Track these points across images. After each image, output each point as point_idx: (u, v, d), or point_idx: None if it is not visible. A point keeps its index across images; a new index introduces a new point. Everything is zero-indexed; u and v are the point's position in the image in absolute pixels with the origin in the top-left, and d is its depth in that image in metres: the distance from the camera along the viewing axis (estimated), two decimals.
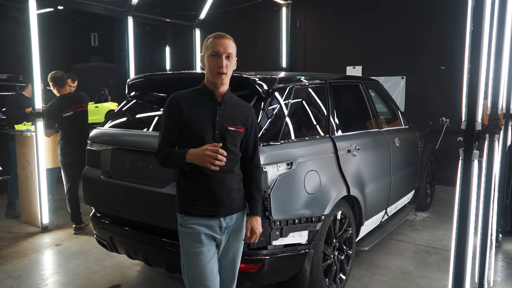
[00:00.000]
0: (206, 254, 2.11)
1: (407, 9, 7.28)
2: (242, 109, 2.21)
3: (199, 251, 2.10)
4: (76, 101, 4.88)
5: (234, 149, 2.14)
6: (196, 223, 2.11)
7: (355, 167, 3.51)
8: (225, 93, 2.14)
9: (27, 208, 5.15)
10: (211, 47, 2.07)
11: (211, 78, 2.09)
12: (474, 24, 2.22)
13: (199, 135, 2.07)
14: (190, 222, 2.12)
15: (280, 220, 2.72)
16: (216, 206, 2.11)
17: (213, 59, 2.06)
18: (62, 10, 9.12)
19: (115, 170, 3.19)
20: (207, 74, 2.12)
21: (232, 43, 2.11)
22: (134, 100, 3.54)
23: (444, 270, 3.75)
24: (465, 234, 2.43)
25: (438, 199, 5.94)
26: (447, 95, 6.76)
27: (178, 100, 2.13)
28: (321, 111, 3.42)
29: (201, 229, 2.10)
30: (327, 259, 3.17)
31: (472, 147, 2.24)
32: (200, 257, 2.10)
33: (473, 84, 2.24)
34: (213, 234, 2.13)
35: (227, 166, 2.07)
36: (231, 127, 2.12)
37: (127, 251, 3.13)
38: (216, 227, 2.13)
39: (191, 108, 2.10)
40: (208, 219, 2.11)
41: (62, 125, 4.74)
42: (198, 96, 2.14)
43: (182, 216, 2.15)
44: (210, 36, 2.13)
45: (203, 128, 2.08)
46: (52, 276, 3.77)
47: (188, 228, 2.12)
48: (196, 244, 2.11)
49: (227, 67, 2.07)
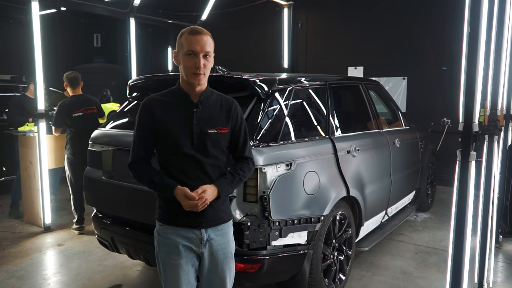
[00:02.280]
0: (183, 267, 1.98)
1: (408, 9, 7.28)
2: (225, 106, 2.01)
3: (176, 263, 1.98)
4: (87, 103, 4.92)
5: (218, 154, 1.97)
6: (175, 234, 1.97)
7: (355, 168, 3.52)
8: (203, 92, 1.96)
9: (30, 208, 5.18)
10: (187, 45, 1.86)
11: (186, 78, 1.91)
12: (471, 24, 2.22)
13: (175, 143, 1.91)
14: (168, 232, 1.99)
15: (280, 221, 2.73)
16: (197, 216, 1.95)
17: (189, 58, 1.87)
18: (65, 11, 9.17)
19: (116, 171, 3.22)
20: (182, 74, 1.94)
21: (210, 40, 1.90)
22: (136, 101, 3.57)
23: (444, 271, 3.70)
24: (462, 235, 2.44)
25: (439, 200, 5.95)
26: (449, 95, 6.76)
27: (149, 105, 1.95)
28: (321, 112, 3.43)
29: (180, 240, 1.97)
30: (326, 260, 3.19)
31: (469, 148, 2.25)
32: (177, 269, 1.98)
33: (470, 85, 2.25)
34: (192, 246, 1.98)
35: (207, 175, 1.94)
36: (212, 130, 1.94)
37: (128, 251, 3.16)
38: (197, 239, 1.97)
39: (165, 113, 1.92)
40: (188, 230, 1.97)
41: (71, 125, 4.78)
42: (172, 98, 1.96)
43: (161, 224, 2.02)
44: (184, 30, 1.91)
45: (179, 135, 1.91)
46: (54, 276, 3.80)
47: (166, 239, 1.99)
48: (174, 256, 1.98)
49: (205, 67, 1.88)
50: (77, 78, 4.91)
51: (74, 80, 4.89)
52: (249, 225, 2.62)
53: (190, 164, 1.94)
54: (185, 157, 1.93)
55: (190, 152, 1.93)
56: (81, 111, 4.81)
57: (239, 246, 2.60)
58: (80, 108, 4.81)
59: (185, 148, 1.91)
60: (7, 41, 9.38)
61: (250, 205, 2.68)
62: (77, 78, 4.91)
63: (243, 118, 2.09)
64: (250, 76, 3.01)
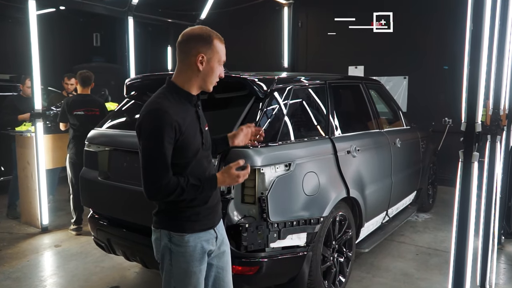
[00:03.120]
0: (203, 272, 1.92)
1: (409, 7, 7.22)
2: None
3: (198, 270, 1.89)
4: (90, 103, 4.89)
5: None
6: (195, 240, 1.87)
7: (355, 168, 3.47)
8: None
9: (27, 209, 5.14)
10: (223, 55, 1.86)
11: (208, 83, 1.86)
12: (474, 22, 2.17)
13: (195, 147, 1.83)
14: (189, 240, 1.86)
15: (278, 222, 2.69)
16: (213, 216, 1.95)
17: (220, 67, 1.87)
18: (64, 10, 9.12)
19: (112, 172, 3.17)
20: (202, 77, 1.84)
21: None
22: (133, 100, 3.52)
23: (445, 272, 3.69)
24: (464, 237, 2.39)
25: (440, 200, 5.90)
26: (450, 95, 6.70)
27: (170, 114, 1.72)
28: (321, 111, 3.38)
29: (201, 245, 1.89)
30: (326, 262, 3.14)
31: (472, 149, 2.20)
32: (199, 276, 1.90)
33: (472, 84, 2.20)
34: (210, 248, 1.93)
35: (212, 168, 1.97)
36: (207, 127, 1.98)
37: (124, 253, 3.11)
38: (213, 239, 1.94)
39: (186, 121, 1.79)
40: (206, 232, 1.91)
41: (72, 123, 4.76)
42: (181, 103, 1.83)
43: (180, 235, 1.86)
44: (213, 35, 1.83)
45: (197, 138, 1.85)
46: (51, 277, 3.76)
47: (186, 248, 1.86)
48: (196, 263, 1.88)
49: None
50: (89, 78, 4.92)
51: (86, 79, 4.91)
52: (247, 227, 2.57)
53: (207, 164, 1.94)
54: (204, 158, 1.92)
55: (204, 153, 1.92)
56: (83, 110, 4.78)
57: (237, 248, 2.57)
58: (82, 107, 4.78)
59: (202, 150, 1.89)
60: (6, 40, 9.33)
61: (248, 207, 2.64)
62: (89, 77, 4.92)
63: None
64: (249, 75, 2.96)
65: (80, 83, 4.92)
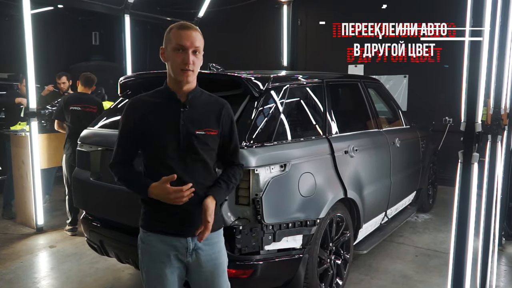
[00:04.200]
0: (168, 277, 1.87)
1: (409, 5, 7.13)
2: (214, 107, 1.91)
3: (160, 272, 1.87)
4: (88, 101, 4.85)
5: (206, 158, 1.86)
6: (159, 241, 1.86)
7: (353, 169, 3.40)
8: (191, 91, 1.86)
9: (22, 209, 5.09)
10: (175, 40, 1.78)
11: (174, 75, 1.82)
12: (473, 18, 2.10)
13: (160, 145, 1.83)
14: (153, 239, 1.88)
15: (273, 224, 2.63)
16: (182, 224, 1.84)
17: (177, 54, 1.78)
18: (63, 9, 9.06)
19: (104, 172, 3.10)
20: (170, 71, 1.84)
21: (199, 36, 1.82)
22: (127, 99, 3.45)
23: (445, 274, 3.57)
24: (464, 238, 2.33)
25: (440, 200, 5.83)
26: (451, 94, 6.62)
27: (135, 105, 1.89)
28: (318, 111, 3.32)
29: (164, 248, 1.86)
30: (323, 264, 3.08)
31: (471, 150, 2.13)
32: (162, 279, 1.87)
33: (472, 83, 2.12)
34: (178, 255, 1.87)
35: (194, 179, 1.82)
36: (200, 131, 1.83)
37: (117, 255, 3.05)
38: (182, 248, 1.86)
39: (151, 114, 1.84)
40: (173, 238, 1.85)
41: (69, 119, 4.71)
42: (159, 98, 1.87)
43: (144, 231, 1.91)
44: (173, 25, 1.83)
45: (165, 136, 1.82)
46: (44, 279, 3.70)
47: (150, 246, 1.88)
48: (157, 265, 1.87)
49: (194, 64, 1.79)
50: (92, 80, 5.00)
51: (88, 80, 4.97)
52: (241, 229, 2.52)
53: (176, 167, 1.82)
54: (171, 160, 1.82)
55: (175, 154, 1.82)
56: (80, 106, 4.73)
57: (230, 251, 2.50)
58: (79, 103, 4.74)
59: (171, 150, 1.81)
60: (3, 39, 9.27)
61: (242, 208, 2.58)
62: (92, 80, 5.01)
63: (233, 122, 1.98)
64: (244, 73, 2.90)
65: (81, 83, 4.94)
